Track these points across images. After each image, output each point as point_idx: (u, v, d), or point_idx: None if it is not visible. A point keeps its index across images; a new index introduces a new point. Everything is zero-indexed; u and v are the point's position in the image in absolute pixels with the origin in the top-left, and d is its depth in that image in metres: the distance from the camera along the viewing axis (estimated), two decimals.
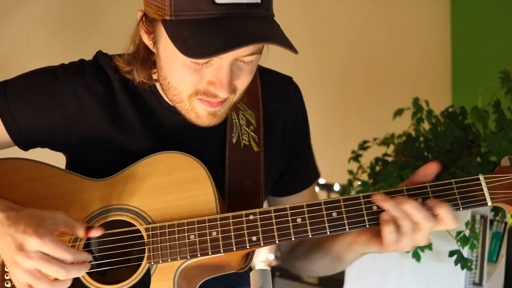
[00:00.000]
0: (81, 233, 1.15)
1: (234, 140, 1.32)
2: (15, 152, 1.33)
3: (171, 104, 1.28)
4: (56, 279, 1.11)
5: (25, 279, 1.09)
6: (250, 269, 1.27)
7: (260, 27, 1.08)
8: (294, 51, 1.08)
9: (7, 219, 1.11)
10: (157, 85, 1.28)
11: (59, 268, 1.08)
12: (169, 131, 1.30)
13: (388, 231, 1.12)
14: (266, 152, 1.35)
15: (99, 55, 1.32)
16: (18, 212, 1.13)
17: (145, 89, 1.28)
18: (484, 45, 3.55)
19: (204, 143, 1.31)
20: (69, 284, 1.13)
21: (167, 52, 1.15)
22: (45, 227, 1.09)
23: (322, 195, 2.64)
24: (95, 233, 1.15)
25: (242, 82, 1.18)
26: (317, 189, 2.70)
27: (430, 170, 1.17)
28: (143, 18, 1.17)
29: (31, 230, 1.08)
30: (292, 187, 1.45)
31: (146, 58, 1.24)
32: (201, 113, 1.19)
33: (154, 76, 1.26)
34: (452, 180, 1.14)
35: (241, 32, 1.05)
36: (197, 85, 1.15)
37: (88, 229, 1.15)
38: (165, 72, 1.18)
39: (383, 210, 1.13)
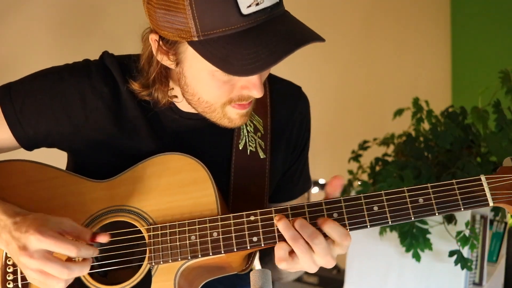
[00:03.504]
0: (87, 238, 1.14)
1: (240, 146, 1.33)
2: (18, 151, 1.33)
3: (183, 110, 1.28)
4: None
5: (38, 278, 1.09)
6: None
7: (290, 27, 1.09)
8: (323, 40, 1.07)
9: (13, 224, 1.11)
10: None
11: (61, 268, 1.08)
12: (175, 135, 1.30)
13: (277, 248, 1.11)
14: (271, 159, 1.35)
15: (105, 56, 1.30)
16: (25, 216, 1.13)
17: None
18: (484, 45, 3.55)
19: (210, 148, 1.32)
20: None
21: (194, 70, 1.14)
22: (48, 226, 1.09)
23: (322, 195, 2.64)
24: (102, 238, 1.15)
25: (265, 77, 1.20)
26: (317, 189, 2.71)
27: (335, 183, 1.15)
28: (160, 42, 1.13)
29: (32, 229, 1.08)
30: (283, 195, 1.44)
31: (166, 78, 1.23)
32: (233, 117, 1.20)
33: (172, 92, 1.26)
34: (454, 181, 1.13)
35: (278, 38, 1.05)
36: (230, 93, 1.15)
37: (94, 235, 1.14)
38: (192, 89, 1.18)
39: (384, 211, 1.12)
